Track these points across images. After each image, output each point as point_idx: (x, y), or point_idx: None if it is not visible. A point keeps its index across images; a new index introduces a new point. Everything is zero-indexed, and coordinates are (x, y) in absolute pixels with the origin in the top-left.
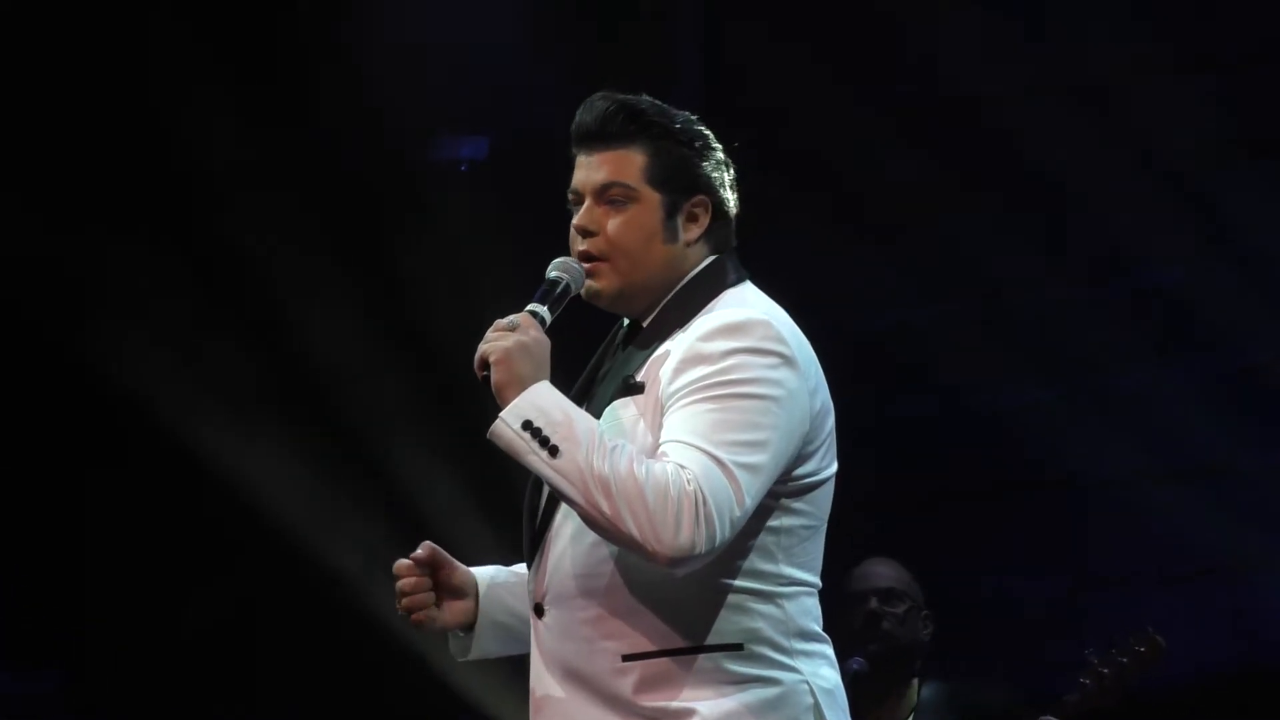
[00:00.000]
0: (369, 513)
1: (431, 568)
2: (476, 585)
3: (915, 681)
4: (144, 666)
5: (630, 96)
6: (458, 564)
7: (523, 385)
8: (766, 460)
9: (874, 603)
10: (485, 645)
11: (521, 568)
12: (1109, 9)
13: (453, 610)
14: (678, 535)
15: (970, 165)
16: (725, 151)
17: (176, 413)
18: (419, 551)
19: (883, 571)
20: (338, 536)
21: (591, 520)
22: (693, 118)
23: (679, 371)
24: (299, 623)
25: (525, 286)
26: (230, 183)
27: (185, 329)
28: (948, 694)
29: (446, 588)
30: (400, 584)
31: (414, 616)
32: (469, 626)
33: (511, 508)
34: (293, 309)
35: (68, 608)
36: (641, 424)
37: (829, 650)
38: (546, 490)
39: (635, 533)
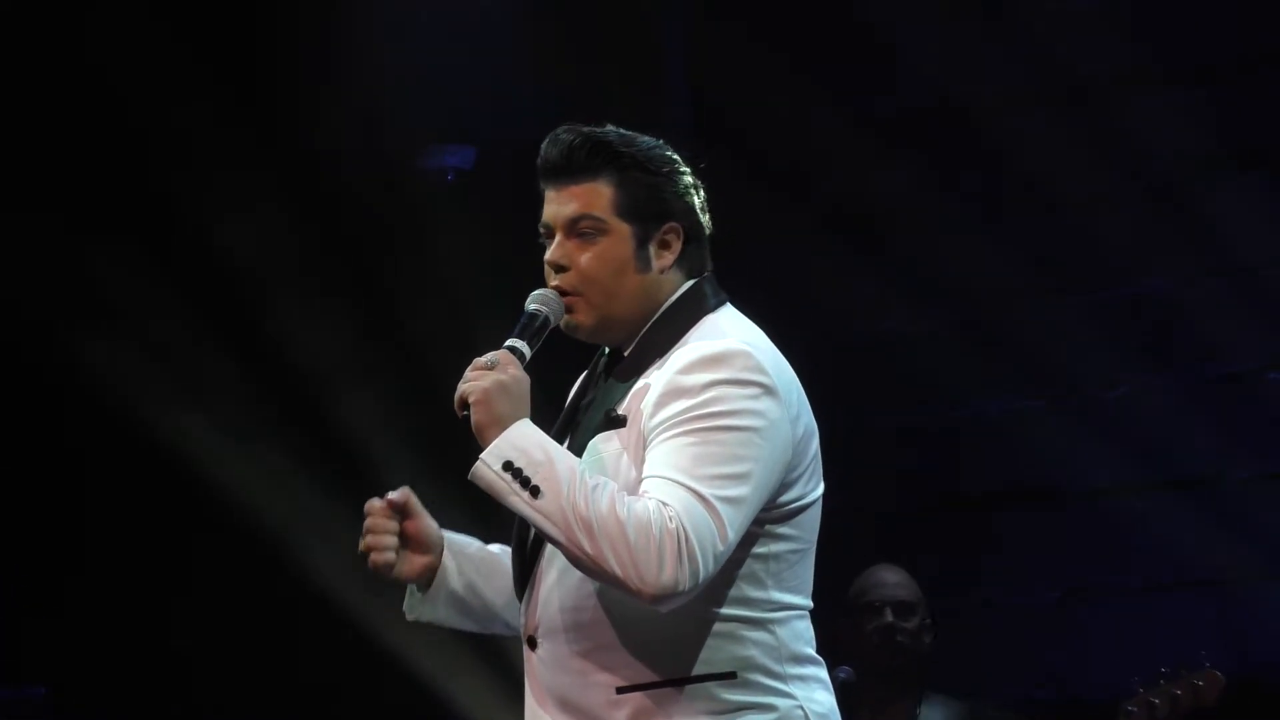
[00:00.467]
0: (359, 524)
1: (402, 514)
2: (444, 547)
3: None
4: (137, 671)
5: (595, 128)
6: (431, 520)
7: (502, 425)
8: (749, 492)
9: (889, 616)
10: (437, 611)
11: (498, 547)
12: (1099, 19)
13: (412, 563)
14: (661, 574)
15: (959, 175)
16: (694, 173)
17: (169, 422)
18: (394, 494)
19: (896, 581)
20: (329, 547)
21: (575, 559)
22: (659, 143)
23: (660, 405)
24: (290, 630)
25: (517, 292)
26: (224, 190)
27: (177, 337)
28: (957, 713)
29: (413, 539)
30: (368, 522)
31: (372, 558)
32: (427, 585)
33: (503, 519)
34: (284, 316)
35: (57, 616)
36: (625, 458)
37: (823, 673)
38: None
39: (618, 572)
